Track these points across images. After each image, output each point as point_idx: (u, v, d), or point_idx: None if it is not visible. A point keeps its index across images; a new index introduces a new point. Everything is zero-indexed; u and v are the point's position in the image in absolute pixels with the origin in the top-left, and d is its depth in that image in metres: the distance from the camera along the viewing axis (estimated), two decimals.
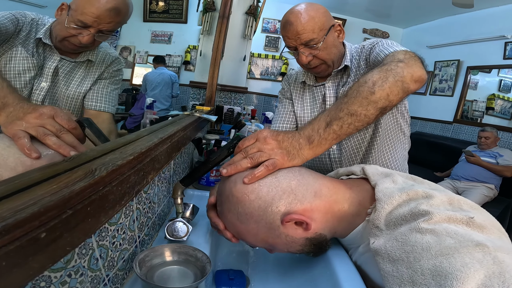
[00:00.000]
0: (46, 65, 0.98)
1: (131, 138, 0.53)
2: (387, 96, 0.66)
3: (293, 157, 0.61)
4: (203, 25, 3.16)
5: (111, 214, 0.37)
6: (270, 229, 0.59)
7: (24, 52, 0.93)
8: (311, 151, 0.63)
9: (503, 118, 3.74)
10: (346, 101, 0.65)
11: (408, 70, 0.69)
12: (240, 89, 4.06)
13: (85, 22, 0.88)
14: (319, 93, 1.13)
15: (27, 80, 0.95)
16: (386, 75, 0.68)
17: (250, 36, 3.67)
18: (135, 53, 3.45)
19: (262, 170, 0.58)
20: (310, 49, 0.98)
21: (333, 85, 1.09)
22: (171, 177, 0.85)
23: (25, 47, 0.94)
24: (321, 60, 1.02)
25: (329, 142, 0.63)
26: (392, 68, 0.69)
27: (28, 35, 0.94)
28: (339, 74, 1.08)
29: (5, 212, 0.22)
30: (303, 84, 1.19)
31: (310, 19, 0.95)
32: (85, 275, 0.40)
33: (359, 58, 1.03)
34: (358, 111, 0.64)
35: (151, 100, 1.33)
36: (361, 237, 0.61)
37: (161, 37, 3.53)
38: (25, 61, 0.93)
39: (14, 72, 0.92)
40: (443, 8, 4.08)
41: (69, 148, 0.53)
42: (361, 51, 1.03)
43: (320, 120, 0.65)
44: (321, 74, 1.08)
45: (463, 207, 0.52)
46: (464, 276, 0.39)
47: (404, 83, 0.68)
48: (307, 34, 0.95)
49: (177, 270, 0.59)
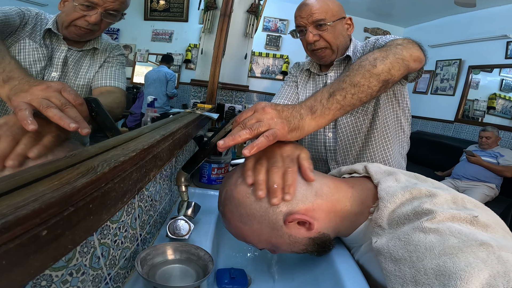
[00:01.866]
0: (55, 55, 1.00)
1: (133, 135, 0.52)
2: (388, 70, 0.69)
3: (294, 127, 0.57)
4: (204, 23, 3.15)
5: (113, 212, 0.36)
6: (274, 229, 0.58)
7: (33, 44, 0.95)
8: (313, 121, 0.60)
9: (504, 118, 3.73)
10: (348, 74, 0.67)
11: (407, 51, 0.75)
12: (241, 87, 4.05)
13: (92, 0, 0.91)
14: (320, 82, 1.16)
15: (38, 71, 0.97)
16: (386, 54, 0.71)
17: (252, 35, 3.66)
18: (136, 51, 3.45)
19: (262, 140, 0.53)
20: (318, 29, 1.04)
21: (335, 75, 1.12)
22: (172, 175, 0.84)
23: (33, 39, 0.96)
24: (326, 42, 1.05)
25: (332, 113, 0.62)
26: (391, 49, 0.74)
27: (34, 28, 0.97)
28: (342, 65, 1.11)
29: (5, 209, 0.22)
30: (308, 72, 1.22)
31: (325, 4, 1.03)
32: (86, 273, 0.40)
33: (362, 52, 1.06)
34: (361, 82, 0.65)
35: (152, 98, 1.32)
36: (363, 236, 0.60)
37: (162, 36, 3.52)
38: (35, 52, 0.95)
39: (25, 64, 0.94)
40: (445, 7, 4.08)
41: (69, 121, 0.49)
42: (365, 45, 1.06)
43: (322, 92, 0.64)
44: (325, 60, 1.11)
45: (467, 206, 0.52)
46: (468, 275, 0.38)
47: (404, 61, 0.72)
48: (319, 14, 1.01)
49: (179, 268, 0.58)
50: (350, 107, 0.64)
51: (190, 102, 3.17)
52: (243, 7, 3.55)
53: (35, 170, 0.30)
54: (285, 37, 5.10)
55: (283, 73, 5.10)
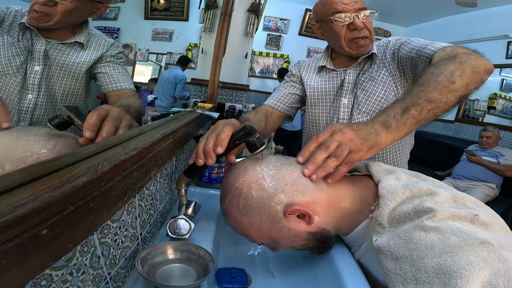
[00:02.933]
0: (35, 49, 0.99)
1: (133, 134, 0.52)
2: (466, 85, 0.67)
3: (372, 144, 0.60)
4: (204, 23, 3.15)
5: (113, 211, 0.36)
6: (273, 221, 0.58)
7: (10, 39, 0.95)
8: (389, 135, 0.62)
9: (505, 117, 3.74)
10: (423, 90, 0.65)
11: (481, 61, 0.70)
12: (241, 86, 4.04)
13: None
14: (338, 78, 1.11)
15: (19, 65, 0.96)
16: (462, 66, 0.68)
17: (252, 34, 3.65)
18: (136, 50, 3.45)
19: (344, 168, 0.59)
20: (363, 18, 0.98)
21: (354, 72, 1.08)
22: (173, 174, 0.84)
23: (11, 35, 0.96)
24: (368, 32, 1.00)
25: (408, 127, 0.63)
26: (466, 60, 0.70)
27: (12, 24, 0.97)
28: (362, 62, 1.08)
29: (4, 208, 0.21)
30: (320, 69, 1.16)
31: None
32: (86, 273, 0.39)
33: (383, 52, 1.03)
34: (439, 98, 0.64)
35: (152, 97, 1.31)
36: (364, 234, 0.60)
37: (162, 35, 3.52)
38: (12, 47, 0.95)
39: (5, 59, 0.94)
40: (446, 7, 4.07)
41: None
42: (386, 46, 1.03)
43: (394, 108, 0.64)
44: (363, 50, 1.03)
45: (467, 204, 0.52)
46: (469, 274, 0.38)
47: (480, 74, 0.69)
48: (362, 3, 0.98)
49: (179, 268, 0.58)
50: (425, 121, 0.64)
51: (191, 101, 3.17)
52: (243, 7, 3.54)
53: (35, 168, 0.30)
54: (285, 36, 5.09)
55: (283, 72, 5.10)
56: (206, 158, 0.62)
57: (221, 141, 0.61)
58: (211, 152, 0.61)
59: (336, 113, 1.08)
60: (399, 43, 0.99)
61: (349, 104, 1.05)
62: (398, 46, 0.98)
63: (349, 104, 1.05)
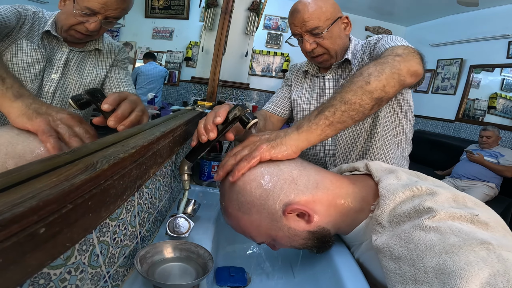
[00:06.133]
0: (56, 56, 0.98)
1: (133, 132, 0.52)
2: (383, 87, 0.66)
3: (275, 144, 0.61)
4: (205, 21, 3.15)
5: (112, 209, 0.36)
6: (273, 220, 0.58)
7: (30, 45, 0.93)
8: (300, 135, 0.62)
9: (505, 117, 3.73)
10: (340, 91, 0.66)
11: (405, 64, 0.70)
12: (242, 85, 4.04)
13: (93, 8, 0.88)
14: (318, 84, 1.14)
15: (37, 72, 0.95)
16: (382, 68, 0.68)
17: (252, 33, 3.65)
18: (136, 49, 3.44)
19: (243, 163, 0.59)
20: (314, 37, 0.99)
21: (333, 77, 1.09)
22: (172, 172, 0.84)
23: (30, 40, 0.93)
24: (324, 49, 1.02)
25: (320, 128, 0.63)
26: (389, 61, 0.70)
27: (31, 28, 0.94)
28: (340, 68, 1.08)
29: (2, 206, 0.21)
30: (305, 73, 1.19)
31: (318, 8, 0.96)
32: (85, 272, 0.39)
33: (363, 53, 1.03)
34: (352, 99, 0.64)
35: (152, 95, 1.31)
36: (363, 234, 0.60)
37: (163, 33, 3.51)
38: (33, 53, 0.93)
39: (23, 65, 0.92)
40: (447, 6, 4.06)
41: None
42: (366, 45, 1.03)
43: (313, 112, 0.66)
44: (323, 64, 1.09)
45: (467, 204, 0.52)
46: (468, 274, 0.38)
47: (400, 76, 0.69)
48: (313, 22, 0.97)
49: (178, 267, 0.58)
50: (341, 124, 0.64)
51: (191, 100, 3.17)
52: (244, 5, 3.54)
53: (33, 166, 0.29)
54: (286, 35, 5.08)
55: (283, 72, 5.09)
56: (208, 132, 0.64)
57: (219, 113, 0.64)
58: (211, 125, 0.64)
59: None
60: (374, 43, 0.98)
61: None
62: (373, 46, 0.98)
63: None
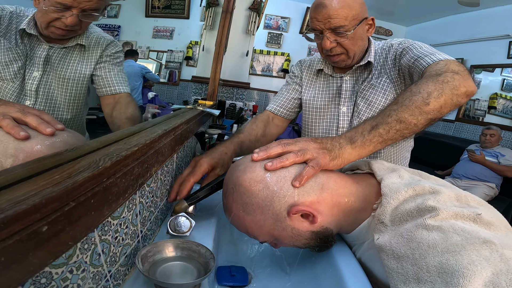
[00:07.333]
0: (36, 54, 0.97)
1: (134, 130, 0.52)
2: (440, 108, 0.64)
3: (334, 156, 0.59)
4: (206, 20, 3.15)
5: (114, 207, 0.35)
6: (276, 220, 0.58)
7: (7, 44, 0.92)
8: (353, 150, 0.61)
9: (505, 117, 3.74)
10: (396, 109, 0.64)
11: (464, 84, 0.68)
12: (242, 84, 4.04)
13: (64, 3, 0.84)
14: (334, 84, 1.09)
15: (16, 70, 0.94)
16: (442, 87, 0.66)
17: (253, 32, 3.65)
18: (137, 48, 3.44)
19: (308, 170, 0.57)
20: (336, 35, 0.93)
21: (351, 79, 1.05)
22: (173, 171, 0.83)
23: (7, 39, 0.92)
24: (343, 49, 0.96)
25: (373, 145, 0.62)
26: (448, 81, 0.67)
27: (8, 27, 0.93)
28: (359, 70, 1.04)
29: (4, 203, 0.21)
30: (319, 72, 1.14)
31: (346, 6, 0.90)
32: (87, 271, 0.39)
33: (385, 56, 0.99)
34: (409, 119, 0.62)
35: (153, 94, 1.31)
36: (366, 233, 0.60)
37: (163, 33, 3.52)
38: (9, 52, 0.92)
39: (1, 64, 0.91)
40: (447, 7, 4.06)
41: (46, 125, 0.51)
42: (388, 50, 0.99)
43: (365, 124, 0.64)
44: (338, 64, 1.03)
45: (470, 203, 0.51)
46: (471, 273, 0.38)
47: (458, 97, 0.66)
48: (339, 20, 0.90)
49: (179, 266, 0.57)
50: (392, 141, 0.63)
51: (191, 99, 3.17)
52: (245, 5, 3.54)
53: (36, 163, 0.29)
54: (286, 35, 5.08)
55: (284, 71, 5.09)
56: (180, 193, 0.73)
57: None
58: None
59: (335, 122, 1.06)
60: (401, 48, 0.94)
61: (349, 113, 1.04)
62: (400, 52, 0.94)
63: (348, 113, 1.04)
